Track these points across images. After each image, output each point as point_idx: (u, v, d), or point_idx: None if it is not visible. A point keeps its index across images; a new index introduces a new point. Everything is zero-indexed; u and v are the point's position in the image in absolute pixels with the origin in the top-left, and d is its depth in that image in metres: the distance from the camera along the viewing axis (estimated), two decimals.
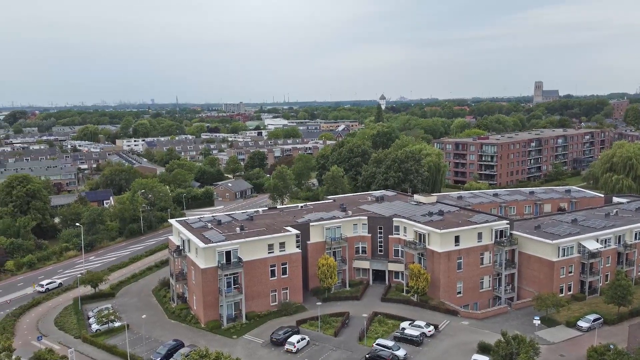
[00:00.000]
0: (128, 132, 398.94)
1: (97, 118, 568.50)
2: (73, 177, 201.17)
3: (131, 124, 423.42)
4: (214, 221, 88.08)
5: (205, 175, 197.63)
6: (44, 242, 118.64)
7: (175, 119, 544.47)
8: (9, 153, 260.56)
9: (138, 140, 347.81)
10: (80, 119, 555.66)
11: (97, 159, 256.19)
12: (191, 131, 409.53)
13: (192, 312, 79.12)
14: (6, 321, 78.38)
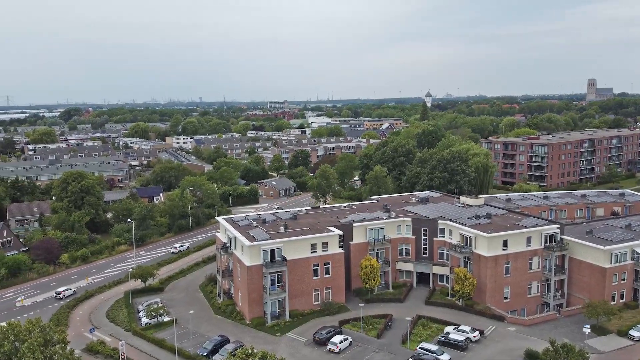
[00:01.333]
0: (177, 129, 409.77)
1: (147, 116, 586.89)
2: (125, 173, 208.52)
3: (180, 122, 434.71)
4: (259, 219, 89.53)
5: (250, 173, 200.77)
6: (97, 236, 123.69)
7: (222, 117, 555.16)
8: (64, 149, 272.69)
9: (187, 138, 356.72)
10: (131, 117, 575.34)
11: (148, 156, 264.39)
12: (237, 129, 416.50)
13: (237, 309, 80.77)
14: (61, 313, 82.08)
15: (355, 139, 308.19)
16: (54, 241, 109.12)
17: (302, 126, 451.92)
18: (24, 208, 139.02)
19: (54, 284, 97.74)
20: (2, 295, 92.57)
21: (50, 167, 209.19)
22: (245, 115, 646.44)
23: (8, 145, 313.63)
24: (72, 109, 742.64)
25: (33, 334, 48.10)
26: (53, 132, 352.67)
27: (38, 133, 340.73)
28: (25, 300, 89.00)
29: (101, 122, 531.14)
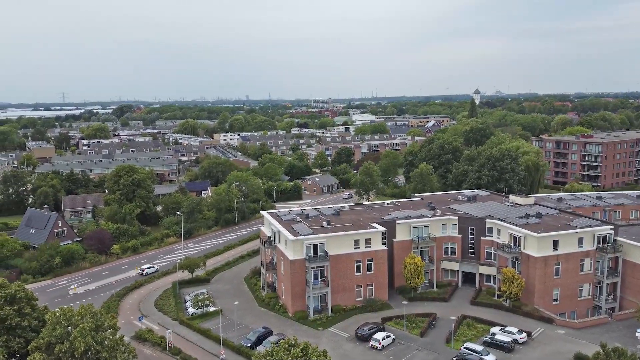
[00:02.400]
0: (224, 126, 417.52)
1: (196, 113, 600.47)
2: (174, 168, 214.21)
3: (227, 119, 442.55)
4: (302, 215, 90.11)
5: (294, 169, 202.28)
6: (147, 228, 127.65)
7: (267, 114, 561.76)
8: (116, 144, 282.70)
9: (234, 135, 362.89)
10: (181, 114, 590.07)
11: (196, 151, 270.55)
12: (282, 127, 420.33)
13: (280, 301, 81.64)
14: (111, 301, 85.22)
15: (399, 137, 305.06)
16: (106, 232, 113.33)
17: (346, 123, 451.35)
18: (78, 200, 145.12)
19: (105, 273, 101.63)
20: (57, 283, 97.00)
21: (103, 161, 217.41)
22: (289, 112, 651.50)
23: (63, 140, 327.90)
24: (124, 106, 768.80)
25: (85, 319, 50.01)
26: (106, 128, 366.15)
27: (92, 129, 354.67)
28: (78, 288, 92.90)
29: (152, 119, 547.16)
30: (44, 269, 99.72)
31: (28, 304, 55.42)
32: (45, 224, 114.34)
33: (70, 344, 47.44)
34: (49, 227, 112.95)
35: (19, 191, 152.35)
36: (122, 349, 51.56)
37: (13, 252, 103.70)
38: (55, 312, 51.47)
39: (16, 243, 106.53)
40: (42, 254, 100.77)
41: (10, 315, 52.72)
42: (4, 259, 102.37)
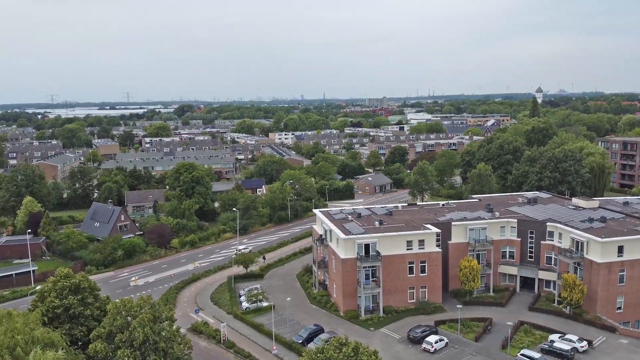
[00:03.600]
0: (280, 126, 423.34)
1: (253, 112, 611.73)
2: (231, 166, 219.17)
3: (283, 119, 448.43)
4: (354, 214, 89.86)
5: (346, 168, 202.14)
6: (205, 223, 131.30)
7: (321, 114, 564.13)
8: (177, 143, 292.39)
9: (288, 134, 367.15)
10: (238, 113, 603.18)
11: (252, 150, 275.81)
12: (335, 126, 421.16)
13: (332, 300, 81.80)
14: (170, 293, 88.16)
15: (456, 136, 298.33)
16: (166, 227, 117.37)
17: (401, 122, 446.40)
18: (140, 195, 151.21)
19: (164, 266, 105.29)
20: (119, 274, 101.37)
21: (165, 158, 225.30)
22: (343, 112, 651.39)
23: (127, 137, 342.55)
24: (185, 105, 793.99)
25: (144, 310, 51.86)
26: (168, 127, 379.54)
27: (154, 127, 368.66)
28: (139, 280, 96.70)
29: (211, 118, 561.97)
30: (107, 261, 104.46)
31: (91, 294, 58.09)
32: (109, 217, 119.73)
33: (129, 334, 49.40)
34: (112, 221, 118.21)
35: (85, 186, 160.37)
36: (178, 340, 53.15)
37: (79, 244, 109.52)
38: (116, 302, 53.62)
39: (82, 235, 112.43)
40: (105, 247, 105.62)
41: (74, 305, 55.45)
42: (70, 250, 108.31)
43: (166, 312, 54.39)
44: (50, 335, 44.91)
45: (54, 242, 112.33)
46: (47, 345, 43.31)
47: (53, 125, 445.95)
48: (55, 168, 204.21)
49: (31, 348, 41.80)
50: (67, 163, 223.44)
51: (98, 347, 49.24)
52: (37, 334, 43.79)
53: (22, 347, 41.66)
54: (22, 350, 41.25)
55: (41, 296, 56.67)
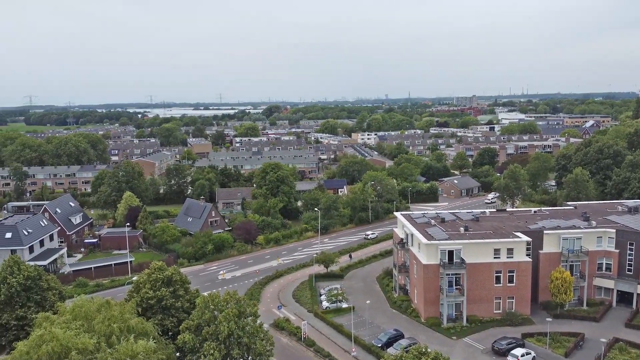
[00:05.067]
0: (363, 126, 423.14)
1: (337, 113, 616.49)
2: (314, 166, 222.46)
3: (366, 119, 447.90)
4: (437, 218, 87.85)
5: (431, 170, 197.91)
6: (288, 222, 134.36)
7: (406, 113, 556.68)
8: (264, 142, 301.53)
9: (371, 134, 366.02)
10: (322, 114, 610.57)
11: (335, 150, 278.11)
12: (420, 126, 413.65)
13: (412, 305, 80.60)
14: (254, 289, 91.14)
15: (552, 138, 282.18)
16: (253, 223, 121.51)
17: (491, 122, 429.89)
18: (229, 193, 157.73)
19: (250, 261, 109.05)
20: (208, 268, 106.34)
21: (253, 157, 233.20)
22: (429, 111, 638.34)
23: (219, 137, 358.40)
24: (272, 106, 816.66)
25: (230, 305, 54.04)
26: (256, 127, 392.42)
27: (244, 127, 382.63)
28: (226, 274, 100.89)
29: (297, 119, 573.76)
30: (198, 254, 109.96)
31: (182, 287, 61.46)
32: (201, 213, 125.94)
33: (215, 328, 51.73)
34: (204, 217, 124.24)
35: (180, 183, 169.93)
36: (261, 336, 54.80)
37: (172, 237, 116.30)
38: (204, 296, 56.29)
39: (175, 230, 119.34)
40: (197, 241, 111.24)
41: (166, 296, 58.93)
42: (164, 243, 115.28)
43: (250, 307, 56.14)
44: (144, 325, 48.08)
45: (150, 235, 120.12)
46: (141, 335, 46.38)
47: (152, 125, 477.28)
48: (153, 165, 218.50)
49: (126, 336, 44.95)
50: (163, 160, 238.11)
51: (186, 339, 51.99)
52: (132, 323, 47.02)
53: (118, 335, 44.83)
54: (117, 338, 44.45)
55: (137, 287, 60.84)
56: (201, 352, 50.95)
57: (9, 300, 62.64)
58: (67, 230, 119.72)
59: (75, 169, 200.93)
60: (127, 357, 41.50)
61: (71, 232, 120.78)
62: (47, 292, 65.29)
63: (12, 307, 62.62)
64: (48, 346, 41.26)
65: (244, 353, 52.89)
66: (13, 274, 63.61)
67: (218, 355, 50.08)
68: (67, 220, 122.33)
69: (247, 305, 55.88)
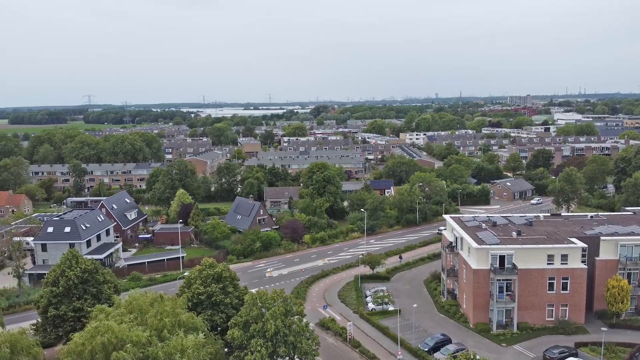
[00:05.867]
0: (411, 126, 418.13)
1: (384, 112, 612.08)
2: (361, 166, 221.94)
3: (415, 118, 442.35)
4: (489, 222, 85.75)
5: (482, 172, 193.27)
6: (334, 222, 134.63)
7: (456, 113, 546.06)
8: (311, 142, 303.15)
9: (420, 134, 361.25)
10: (370, 113, 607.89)
11: (382, 150, 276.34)
12: (472, 126, 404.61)
13: (461, 310, 79.10)
14: (300, 287, 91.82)
15: (610, 139, 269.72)
16: (299, 223, 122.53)
17: (546, 123, 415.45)
18: (277, 192, 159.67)
19: (296, 260, 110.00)
20: (256, 265, 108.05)
21: (300, 157, 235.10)
22: (481, 110, 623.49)
23: (268, 137, 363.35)
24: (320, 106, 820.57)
25: (277, 303, 54.83)
26: (304, 127, 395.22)
27: (292, 127, 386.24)
28: (273, 272, 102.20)
29: (344, 119, 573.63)
30: (246, 251, 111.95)
31: (231, 284, 62.83)
32: (250, 211, 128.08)
33: (262, 325, 52.58)
34: (252, 215, 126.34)
35: (230, 181, 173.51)
36: (307, 335, 55.25)
37: (222, 234, 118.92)
38: (252, 293, 57.30)
39: (225, 227, 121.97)
40: (245, 238, 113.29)
41: (216, 292, 60.42)
42: (215, 240, 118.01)
43: (297, 306, 56.76)
44: (194, 320, 49.46)
45: (201, 231, 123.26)
46: (191, 329, 47.73)
47: (204, 124, 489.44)
48: (205, 164, 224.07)
49: (176, 331, 46.36)
50: (215, 159, 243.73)
51: (235, 335, 53.09)
52: (183, 318, 48.45)
53: (169, 329, 46.28)
54: (168, 332, 45.89)
55: (188, 282, 62.66)
56: (248, 349, 51.89)
57: (66, 292, 65.56)
58: (123, 226, 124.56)
59: (131, 166, 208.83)
60: (177, 352, 42.75)
61: (126, 228, 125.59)
62: (103, 285, 68.03)
63: (70, 298, 65.48)
64: (103, 337, 43.03)
65: (290, 351, 53.49)
66: (71, 267, 66.59)
67: (265, 353, 50.86)
68: (123, 216, 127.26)
69: (294, 304, 56.48)
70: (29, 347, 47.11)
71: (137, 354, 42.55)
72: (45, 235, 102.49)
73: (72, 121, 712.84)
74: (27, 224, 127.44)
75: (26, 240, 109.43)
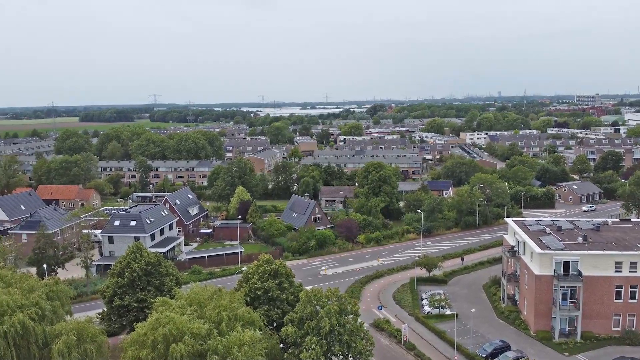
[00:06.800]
0: (472, 125, 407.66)
1: (444, 111, 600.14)
2: (418, 166, 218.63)
3: (476, 118, 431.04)
4: (553, 226, 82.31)
5: (547, 174, 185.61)
6: (390, 222, 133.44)
7: (520, 112, 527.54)
8: (368, 141, 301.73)
9: (481, 134, 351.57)
10: (429, 112, 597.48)
11: (441, 150, 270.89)
12: (536, 126, 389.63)
13: (521, 317, 76.42)
14: (355, 287, 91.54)
15: None
16: (354, 222, 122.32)
17: (616, 123, 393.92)
18: (332, 191, 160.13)
19: (351, 259, 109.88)
20: (310, 263, 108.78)
21: (356, 156, 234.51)
22: (547, 110, 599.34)
23: (324, 136, 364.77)
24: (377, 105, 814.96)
25: (331, 301, 55.01)
26: (360, 126, 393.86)
27: (348, 126, 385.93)
28: (328, 270, 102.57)
29: (401, 118, 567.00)
30: (302, 249, 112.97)
31: (287, 280, 63.61)
32: (306, 209, 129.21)
33: (317, 323, 52.89)
34: (308, 213, 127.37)
35: (287, 179, 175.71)
36: (361, 335, 55.08)
37: (279, 231, 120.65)
38: (307, 291, 57.77)
39: (282, 224, 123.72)
40: (301, 236, 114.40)
41: (273, 288, 61.38)
42: (271, 236, 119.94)
43: (351, 305, 56.72)
44: (251, 315, 50.36)
45: (259, 228, 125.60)
46: (248, 324, 48.64)
47: (263, 123, 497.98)
48: (263, 162, 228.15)
49: (234, 325, 47.39)
50: (272, 158, 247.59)
51: (289, 331, 53.70)
52: (240, 312, 49.44)
53: (227, 323, 47.39)
54: (225, 326, 47.01)
55: (246, 277, 63.99)
56: (303, 346, 52.34)
57: (131, 283, 68.43)
58: (185, 221, 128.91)
59: (193, 163, 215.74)
60: (234, 346, 43.68)
61: (188, 223, 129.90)
62: (165, 277, 70.60)
63: (134, 290, 68.27)
64: (164, 329, 44.58)
65: (345, 350, 53.49)
66: (136, 260, 69.51)
67: (319, 351, 51.12)
68: (185, 211, 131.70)
69: (348, 303, 56.44)
70: (94, 335, 49.24)
71: (195, 346, 43.79)
72: (112, 229, 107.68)
73: (139, 119, 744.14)
74: (95, 217, 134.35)
75: (94, 232, 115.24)
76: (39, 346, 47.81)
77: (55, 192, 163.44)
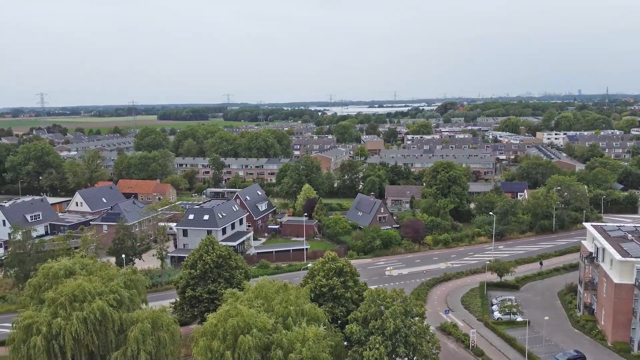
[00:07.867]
0: (550, 124, 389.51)
1: (519, 110, 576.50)
2: (491, 166, 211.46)
3: (554, 117, 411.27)
4: (635, 232, 76.98)
5: (630, 177, 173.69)
6: (459, 224, 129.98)
7: (602, 111, 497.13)
8: (437, 140, 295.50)
9: (559, 134, 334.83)
10: (503, 111, 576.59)
11: (516, 150, 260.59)
12: (619, 126, 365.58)
13: (598, 327, 72.21)
14: (421, 289, 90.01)
15: None
16: (421, 223, 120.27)
17: None
18: (398, 190, 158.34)
19: (417, 261, 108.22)
20: (375, 262, 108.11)
21: (424, 156, 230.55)
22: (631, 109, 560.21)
23: (391, 134, 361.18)
24: (448, 103, 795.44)
25: (396, 302, 54.45)
26: (429, 125, 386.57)
27: (417, 125, 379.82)
28: (393, 271, 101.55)
29: (473, 116, 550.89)
30: (367, 248, 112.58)
31: (352, 279, 63.65)
32: (371, 208, 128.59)
33: (382, 323, 52.55)
34: (373, 212, 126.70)
35: (352, 178, 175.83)
36: (427, 338, 54.15)
37: (344, 229, 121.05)
38: (371, 290, 57.57)
39: (347, 222, 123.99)
40: (366, 235, 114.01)
41: (337, 286, 61.62)
42: (336, 234, 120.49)
43: (417, 307, 55.89)
44: (316, 311, 50.87)
45: (324, 225, 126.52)
46: (312, 320, 49.17)
47: (330, 122, 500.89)
48: (329, 160, 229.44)
49: (299, 320, 48.08)
50: (338, 156, 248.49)
51: (353, 329, 53.72)
52: (305, 308, 50.09)
53: (293, 317, 48.18)
54: (292, 320, 47.76)
55: (311, 274, 64.70)
56: (367, 345, 52.20)
57: (203, 275, 71.10)
58: (254, 216, 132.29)
59: (263, 161, 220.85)
60: (298, 341, 44.31)
61: (257, 218, 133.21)
62: (235, 270, 72.82)
63: (205, 281, 70.90)
64: (234, 320, 45.98)
65: (410, 352, 52.81)
66: (208, 252, 72.18)
67: (384, 351, 50.77)
68: (255, 207, 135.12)
69: (414, 305, 55.66)
70: (168, 324, 51.61)
71: (262, 339, 44.83)
72: (187, 222, 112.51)
73: (213, 118, 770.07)
74: (171, 211, 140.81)
75: (170, 225, 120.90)
76: (115, 332, 50.54)
77: (134, 186, 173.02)
